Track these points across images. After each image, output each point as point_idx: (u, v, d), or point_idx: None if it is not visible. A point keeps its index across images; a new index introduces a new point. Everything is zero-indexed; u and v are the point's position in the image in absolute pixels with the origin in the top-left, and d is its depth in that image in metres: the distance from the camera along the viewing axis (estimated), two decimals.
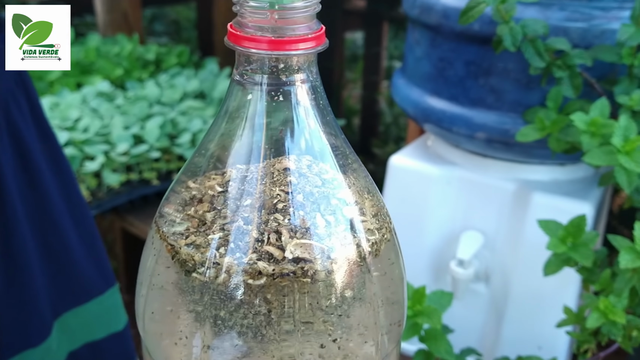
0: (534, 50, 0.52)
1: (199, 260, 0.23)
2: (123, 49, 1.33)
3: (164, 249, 0.25)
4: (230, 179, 0.26)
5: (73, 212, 0.57)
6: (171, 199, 0.27)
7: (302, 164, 0.26)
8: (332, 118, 0.25)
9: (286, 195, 0.25)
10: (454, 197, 0.69)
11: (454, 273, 0.67)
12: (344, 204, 0.26)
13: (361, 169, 0.27)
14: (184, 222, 0.25)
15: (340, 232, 0.24)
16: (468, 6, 0.51)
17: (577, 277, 0.65)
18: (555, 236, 0.52)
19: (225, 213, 0.25)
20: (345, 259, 0.24)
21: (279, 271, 0.23)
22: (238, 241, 0.23)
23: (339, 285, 0.24)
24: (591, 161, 0.48)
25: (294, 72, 0.23)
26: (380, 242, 0.25)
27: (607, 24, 0.55)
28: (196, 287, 0.23)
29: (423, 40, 0.66)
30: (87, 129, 1.02)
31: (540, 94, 0.59)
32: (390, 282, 0.26)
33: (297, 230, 0.24)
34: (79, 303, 0.57)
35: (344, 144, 0.26)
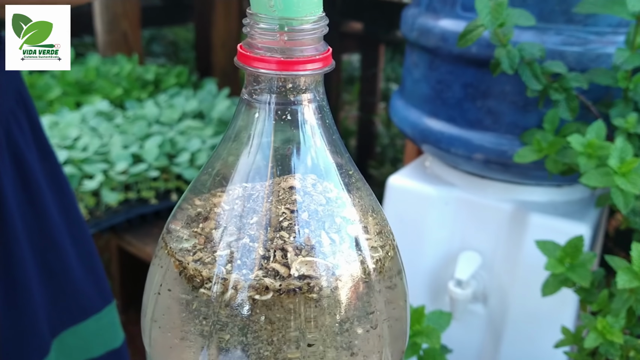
0: (531, 73, 0.53)
1: (207, 275, 0.24)
2: (122, 69, 1.34)
3: (171, 265, 0.25)
4: (236, 197, 0.26)
5: (72, 231, 0.57)
6: (178, 216, 0.27)
7: (307, 182, 0.26)
8: (338, 137, 0.26)
9: (291, 213, 0.25)
10: (452, 217, 0.70)
11: (452, 293, 0.67)
12: (348, 222, 0.26)
13: (365, 187, 0.27)
14: (191, 239, 0.25)
15: (344, 250, 0.25)
16: (466, 30, 0.52)
17: (574, 297, 0.65)
18: (553, 257, 0.52)
19: (231, 230, 0.25)
20: (350, 275, 0.24)
21: (285, 287, 0.23)
22: (244, 258, 0.24)
23: (344, 301, 0.24)
24: (588, 183, 0.49)
25: (301, 92, 0.24)
26: (384, 259, 0.26)
27: (602, 48, 0.56)
28: (203, 303, 0.24)
29: (421, 63, 0.67)
30: (86, 147, 1.03)
31: (537, 116, 0.60)
32: (394, 298, 0.26)
33: (303, 248, 0.24)
34: (77, 321, 0.57)
35: (349, 163, 0.27)
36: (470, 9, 0.60)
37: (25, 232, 0.53)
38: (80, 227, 0.58)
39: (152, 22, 2.56)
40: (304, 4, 0.22)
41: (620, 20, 0.56)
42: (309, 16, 0.23)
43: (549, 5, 0.56)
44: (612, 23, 0.57)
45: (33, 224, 0.54)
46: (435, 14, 0.63)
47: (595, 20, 0.56)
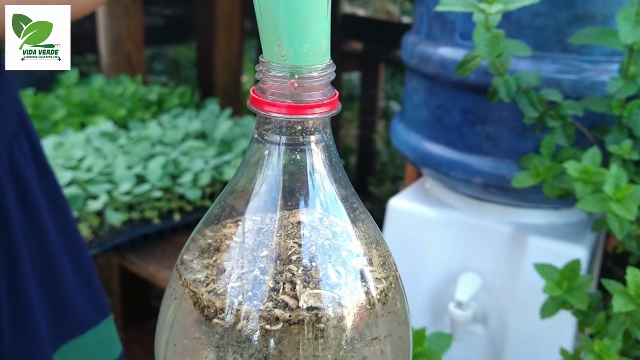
0: (527, 101, 0.55)
1: (220, 306, 0.25)
2: (126, 90, 1.36)
3: (186, 295, 0.26)
4: (247, 230, 0.28)
5: (69, 247, 0.58)
6: (191, 247, 0.28)
7: (314, 217, 0.28)
8: (344, 174, 0.27)
9: (299, 247, 0.27)
10: (452, 239, 0.71)
11: (453, 314, 0.68)
12: (353, 255, 0.27)
13: (369, 219, 0.29)
14: (203, 270, 0.27)
15: (350, 282, 0.26)
16: (465, 59, 0.54)
17: (573, 319, 0.66)
18: (551, 280, 0.54)
19: (242, 263, 0.27)
20: (355, 306, 0.26)
21: (294, 317, 0.24)
22: (255, 290, 0.25)
23: (349, 330, 0.25)
24: (585, 208, 0.50)
25: (309, 134, 0.25)
26: (388, 290, 0.27)
27: (597, 76, 0.58)
28: (217, 332, 0.25)
29: (421, 88, 0.68)
30: (91, 168, 1.04)
31: (534, 141, 0.61)
32: (397, 324, 0.27)
33: (310, 280, 0.26)
34: (75, 335, 0.58)
35: (353, 197, 0.28)
36: (468, 38, 0.61)
37: (26, 250, 0.54)
38: (78, 244, 0.60)
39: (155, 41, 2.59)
40: (312, 54, 0.24)
41: (614, 49, 0.58)
42: (317, 64, 0.24)
43: (545, 34, 0.58)
44: (606, 52, 0.58)
45: (33, 242, 0.55)
46: (434, 42, 0.65)
47: (590, 50, 0.58)
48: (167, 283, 0.29)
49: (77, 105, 1.27)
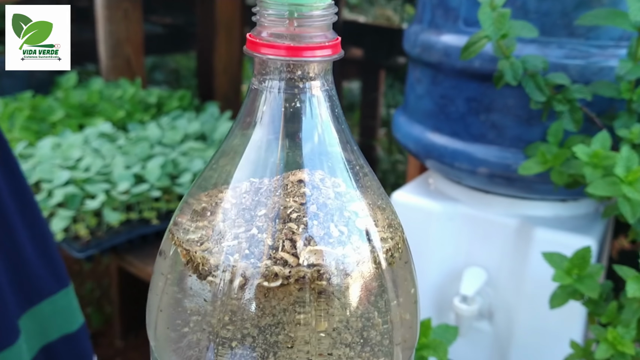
0: (534, 84, 0.53)
1: (214, 263, 0.23)
2: (125, 92, 1.35)
3: (178, 255, 0.25)
4: (244, 191, 0.26)
5: (24, 212, 0.56)
6: (185, 210, 0.27)
7: (315, 177, 0.26)
8: (347, 127, 0.26)
9: (300, 206, 0.25)
10: (456, 233, 0.69)
11: (458, 309, 0.66)
12: (357, 215, 0.26)
13: (374, 179, 0.27)
14: (198, 231, 0.25)
15: (354, 241, 0.24)
16: (469, 42, 0.52)
17: (581, 314, 0.64)
18: (560, 268, 0.52)
19: (239, 223, 0.25)
20: (360, 264, 0.24)
21: (294, 273, 0.23)
22: (253, 248, 0.24)
23: (354, 290, 0.24)
24: (595, 192, 0.48)
25: (310, 80, 0.24)
26: (394, 250, 0.25)
27: (604, 61, 0.57)
28: (211, 292, 0.23)
29: (424, 78, 0.67)
30: (89, 168, 1.03)
31: (540, 129, 0.60)
32: (404, 289, 0.26)
33: (312, 238, 0.24)
34: (33, 304, 0.57)
35: (358, 154, 0.26)
36: (472, 24, 0.60)
37: None
38: (33, 210, 0.58)
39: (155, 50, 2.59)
40: None
41: (622, 33, 0.57)
42: (318, 3, 0.23)
43: (551, 19, 0.57)
44: (614, 36, 0.57)
45: None
46: (437, 30, 0.64)
47: (597, 34, 0.57)
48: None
49: (76, 107, 1.26)
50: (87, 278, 2.08)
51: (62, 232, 0.98)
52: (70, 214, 0.96)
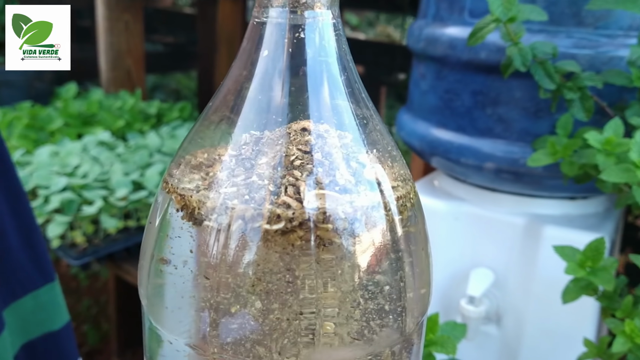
0: (544, 72, 0.52)
1: (211, 206, 0.21)
2: (125, 103, 1.34)
3: (173, 202, 0.23)
4: (243, 143, 0.24)
5: (10, 200, 0.54)
6: (179, 163, 0.25)
7: (320, 127, 0.24)
8: (354, 67, 0.24)
9: (304, 154, 0.23)
10: (463, 233, 0.67)
11: (465, 311, 0.64)
12: (365, 166, 0.24)
13: (384, 130, 0.25)
14: (194, 181, 0.23)
15: (362, 189, 0.23)
16: (477, 27, 0.51)
17: (594, 315, 0.62)
18: (572, 261, 0.50)
19: (238, 172, 0.23)
20: (369, 210, 0.22)
21: (298, 215, 0.21)
22: (253, 194, 0.22)
23: (363, 239, 0.22)
24: (608, 178, 0.47)
25: (315, 7, 0.22)
26: (405, 199, 0.23)
27: (614, 51, 0.55)
28: (207, 240, 0.21)
29: (429, 74, 0.66)
30: (86, 174, 1.01)
31: (549, 122, 0.58)
32: (416, 244, 0.24)
33: (316, 185, 0.22)
34: (17, 297, 0.54)
35: (363, 93, 0.25)
36: (478, 15, 0.59)
37: None
38: (21, 201, 0.56)
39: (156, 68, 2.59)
40: None
41: (631, 23, 0.56)
42: None
43: (559, 7, 0.56)
44: (623, 26, 0.56)
45: None
46: (442, 23, 0.63)
47: (606, 23, 0.56)
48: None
49: (75, 116, 1.25)
50: (84, 295, 2.05)
51: (58, 239, 0.96)
52: (66, 219, 0.94)
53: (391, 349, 0.22)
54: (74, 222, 0.96)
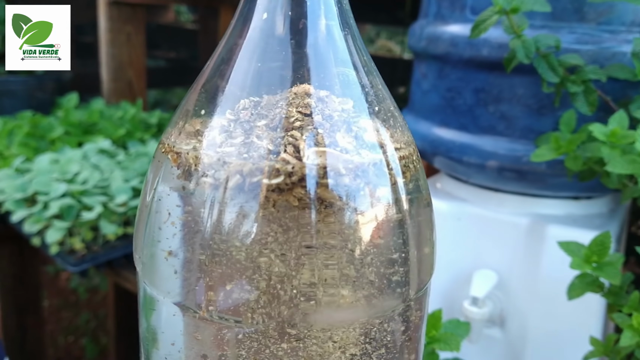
0: (547, 65, 0.51)
1: (208, 162, 0.21)
2: (126, 113, 1.33)
3: (169, 161, 0.22)
4: (242, 108, 0.24)
5: None
6: (176, 128, 0.24)
7: (320, 93, 0.24)
8: (357, 30, 0.23)
9: (304, 116, 0.23)
10: (465, 234, 0.66)
11: (468, 312, 0.63)
12: (365, 130, 0.23)
13: (387, 95, 0.25)
14: (191, 143, 0.23)
15: (363, 151, 0.22)
16: (480, 19, 0.51)
17: (599, 317, 0.61)
18: (578, 256, 0.49)
19: (237, 134, 0.22)
20: (370, 167, 0.21)
21: (298, 170, 0.20)
22: (252, 152, 0.21)
23: (365, 197, 0.21)
24: (614, 169, 0.46)
25: None
26: (408, 160, 0.22)
27: (617, 46, 0.55)
28: (203, 198, 0.21)
29: (430, 73, 0.65)
30: (86, 181, 1.00)
31: (551, 119, 0.58)
32: (420, 204, 0.23)
33: (316, 145, 0.21)
34: None
35: (369, 64, 0.24)
36: (479, 12, 0.59)
37: None
38: None
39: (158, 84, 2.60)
40: None
41: (633, 18, 0.55)
42: None
43: (561, 3, 0.55)
44: (626, 22, 0.55)
45: None
46: (444, 21, 0.62)
47: (609, 19, 0.55)
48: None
49: (76, 125, 1.25)
50: (83, 308, 2.03)
51: (56, 245, 0.95)
52: (66, 225, 0.93)
53: (393, 313, 0.21)
54: (73, 229, 0.95)
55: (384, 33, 2.35)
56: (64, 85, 1.51)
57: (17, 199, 1.01)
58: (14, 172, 1.08)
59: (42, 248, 0.98)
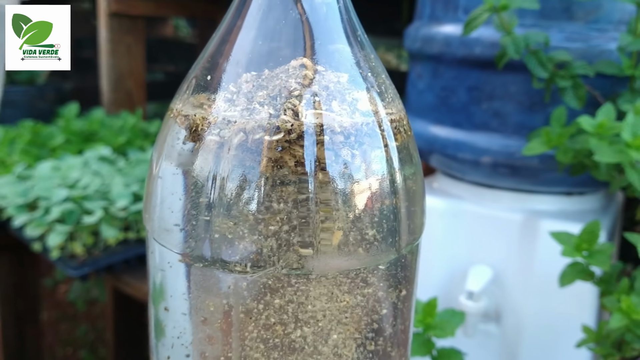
0: (537, 61, 0.53)
1: (213, 121, 0.22)
2: (126, 122, 1.35)
3: (176, 125, 0.23)
4: (244, 80, 0.25)
5: None
6: (183, 97, 0.26)
7: (318, 67, 0.25)
8: (352, 7, 0.25)
9: (302, 86, 0.24)
10: (461, 230, 0.68)
11: (464, 307, 0.64)
12: (358, 100, 0.25)
13: (381, 69, 0.26)
14: (197, 113, 0.24)
15: (356, 115, 0.23)
16: (471, 17, 0.52)
17: (593, 309, 0.62)
18: (568, 245, 0.50)
19: (239, 102, 0.24)
20: (364, 126, 0.23)
21: (297, 127, 0.21)
22: (253, 116, 0.22)
23: (359, 151, 0.22)
24: (602, 159, 0.47)
25: None
26: (399, 124, 0.24)
27: (605, 44, 0.57)
28: (210, 156, 0.22)
29: (425, 73, 0.67)
30: (87, 186, 1.02)
31: (543, 115, 0.59)
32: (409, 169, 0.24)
33: (314, 109, 0.23)
34: None
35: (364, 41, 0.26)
36: None
37: None
38: None
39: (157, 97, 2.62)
40: None
41: (620, 17, 0.57)
42: None
43: (551, 3, 0.57)
44: (613, 20, 0.57)
45: None
46: (438, 22, 0.64)
47: (597, 18, 0.57)
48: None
49: (76, 133, 1.26)
50: (81, 320, 2.03)
51: (58, 250, 0.96)
52: (67, 229, 0.94)
53: (388, 266, 0.23)
54: (74, 233, 0.97)
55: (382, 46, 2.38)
56: (64, 95, 1.53)
57: (19, 205, 1.02)
58: (16, 179, 1.09)
59: (43, 253, 0.99)
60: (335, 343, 0.23)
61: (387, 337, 0.25)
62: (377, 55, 0.26)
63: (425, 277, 0.69)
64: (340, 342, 0.24)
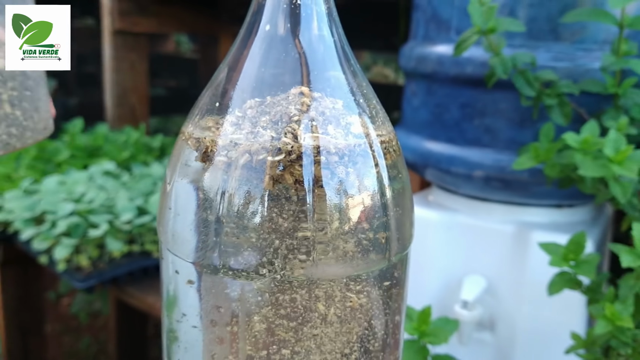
0: (524, 80, 0.56)
1: (222, 143, 0.25)
2: (130, 137, 1.38)
3: (188, 146, 0.26)
4: (248, 107, 0.28)
5: None
6: (193, 123, 0.29)
7: (315, 94, 0.28)
8: (344, 38, 0.28)
9: (301, 112, 0.27)
10: (455, 242, 0.70)
11: (459, 315, 0.66)
12: (352, 124, 0.27)
13: (372, 95, 0.29)
14: (207, 136, 0.27)
15: (350, 137, 0.26)
16: (462, 39, 0.55)
17: (582, 318, 0.64)
18: (556, 254, 0.53)
19: (244, 127, 0.27)
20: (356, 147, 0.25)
21: (296, 148, 0.24)
22: (258, 138, 0.25)
23: (352, 170, 0.25)
24: (586, 173, 0.50)
25: None
26: (388, 145, 0.27)
27: (590, 63, 0.60)
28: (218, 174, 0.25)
29: (419, 91, 0.70)
30: (92, 200, 1.04)
31: (533, 131, 0.62)
32: (398, 187, 0.27)
33: (312, 133, 0.26)
34: None
35: (356, 69, 0.28)
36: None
37: None
38: None
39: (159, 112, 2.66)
40: None
41: (605, 37, 0.60)
42: None
43: (538, 24, 0.60)
44: (598, 40, 0.60)
45: None
46: (431, 42, 0.67)
47: (582, 38, 0.60)
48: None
49: (81, 148, 1.29)
50: (84, 333, 2.05)
51: (64, 263, 0.98)
52: (73, 242, 0.97)
53: (379, 273, 0.25)
54: (79, 246, 0.99)
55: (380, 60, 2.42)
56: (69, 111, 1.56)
57: (26, 219, 1.05)
58: (23, 194, 1.12)
59: (50, 266, 1.01)
60: (335, 344, 0.26)
61: (379, 338, 0.27)
62: (369, 82, 0.29)
63: (421, 287, 0.71)
64: (340, 343, 0.26)
